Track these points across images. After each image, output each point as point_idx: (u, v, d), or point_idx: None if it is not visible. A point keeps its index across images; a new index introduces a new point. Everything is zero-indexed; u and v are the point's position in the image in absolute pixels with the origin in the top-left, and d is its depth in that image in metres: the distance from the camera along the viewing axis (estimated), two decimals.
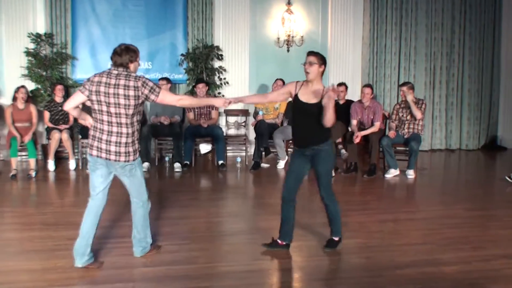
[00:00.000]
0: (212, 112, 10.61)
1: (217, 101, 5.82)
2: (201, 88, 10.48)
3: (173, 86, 11.34)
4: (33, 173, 9.47)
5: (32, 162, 9.58)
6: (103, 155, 4.87)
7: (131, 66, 4.91)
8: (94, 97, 4.83)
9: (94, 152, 4.89)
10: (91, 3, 11.32)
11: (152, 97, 4.87)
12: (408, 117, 9.72)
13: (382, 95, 12.64)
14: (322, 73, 5.42)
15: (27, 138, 9.55)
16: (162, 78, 10.72)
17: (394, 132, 9.70)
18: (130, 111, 4.82)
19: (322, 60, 5.36)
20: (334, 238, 5.71)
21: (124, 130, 4.85)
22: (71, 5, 11.20)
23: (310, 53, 5.39)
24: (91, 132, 4.97)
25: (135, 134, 4.96)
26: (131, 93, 4.77)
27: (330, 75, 12.20)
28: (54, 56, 11.05)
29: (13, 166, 9.46)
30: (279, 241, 5.60)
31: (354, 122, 9.94)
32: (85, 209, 5.01)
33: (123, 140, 4.85)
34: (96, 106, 4.86)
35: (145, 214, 5.27)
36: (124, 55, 4.87)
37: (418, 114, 9.56)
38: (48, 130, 10.26)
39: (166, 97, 4.99)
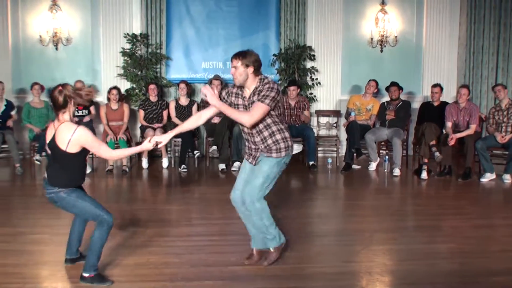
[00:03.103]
0: (304, 112, 10.57)
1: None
2: (292, 90, 10.49)
3: None
4: (126, 168, 9.82)
5: (124, 160, 9.94)
6: None
7: None
8: None
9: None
10: (185, 5, 11.53)
11: None
12: (505, 119, 9.42)
13: (479, 97, 12.23)
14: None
15: (119, 135, 9.91)
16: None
17: (501, 134, 9.37)
18: None
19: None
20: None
21: None
22: (166, 6, 11.43)
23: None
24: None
25: None
26: None
27: (425, 76, 11.98)
28: (149, 56, 11.32)
29: (109, 163, 9.86)
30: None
31: (449, 124, 9.68)
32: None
33: None
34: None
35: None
36: None
37: None
38: (142, 129, 10.51)
39: None
